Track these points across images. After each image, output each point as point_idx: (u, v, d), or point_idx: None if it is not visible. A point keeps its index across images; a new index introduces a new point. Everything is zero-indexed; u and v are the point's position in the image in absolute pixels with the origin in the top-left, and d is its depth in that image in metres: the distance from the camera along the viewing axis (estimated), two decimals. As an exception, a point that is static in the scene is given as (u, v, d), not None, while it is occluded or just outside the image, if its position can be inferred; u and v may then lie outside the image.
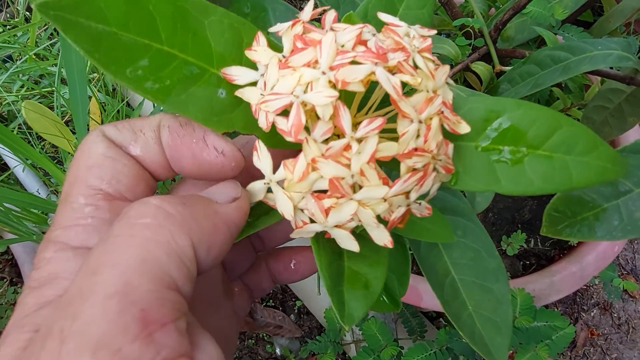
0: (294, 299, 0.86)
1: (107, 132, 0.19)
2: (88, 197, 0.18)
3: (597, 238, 0.32)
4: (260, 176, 0.22)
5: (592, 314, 0.87)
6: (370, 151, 0.17)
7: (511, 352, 0.63)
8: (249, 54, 0.19)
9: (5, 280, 0.85)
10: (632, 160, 0.32)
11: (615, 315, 0.87)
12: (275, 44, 0.19)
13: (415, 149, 0.17)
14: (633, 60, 0.40)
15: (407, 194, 0.18)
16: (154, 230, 0.15)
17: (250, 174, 0.23)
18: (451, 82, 0.20)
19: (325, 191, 0.18)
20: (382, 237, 0.18)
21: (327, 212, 0.17)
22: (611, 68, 0.46)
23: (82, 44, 0.16)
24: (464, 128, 0.19)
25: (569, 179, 0.17)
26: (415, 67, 0.18)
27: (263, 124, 0.17)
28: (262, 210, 0.23)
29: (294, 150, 0.18)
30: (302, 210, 0.18)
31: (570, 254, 0.64)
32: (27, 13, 1.04)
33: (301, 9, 0.20)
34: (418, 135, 0.17)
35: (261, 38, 0.19)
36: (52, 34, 0.98)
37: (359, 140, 0.17)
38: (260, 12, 0.36)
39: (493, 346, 0.28)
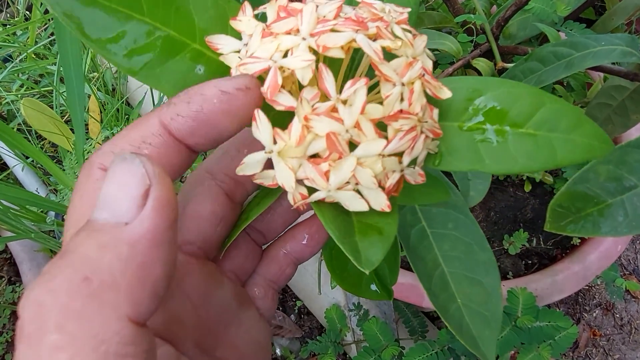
0: (294, 299, 0.85)
1: (106, 165, 0.16)
2: None
3: (602, 234, 0.32)
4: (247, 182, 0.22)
5: (594, 314, 0.86)
6: (361, 102, 0.17)
7: (513, 352, 0.63)
8: (234, 23, 0.19)
9: (3, 279, 0.85)
10: (637, 155, 0.32)
11: (617, 315, 0.86)
12: (259, 20, 0.19)
13: (401, 111, 0.17)
14: (637, 56, 0.40)
15: (399, 157, 0.18)
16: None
17: (240, 182, 0.22)
18: (429, 52, 0.20)
19: (317, 156, 0.17)
20: (379, 201, 0.18)
21: (326, 176, 0.17)
22: (613, 64, 0.46)
23: (63, 10, 0.16)
24: (446, 93, 0.19)
25: (554, 157, 0.17)
26: (394, 35, 0.18)
27: None
28: (253, 204, 0.23)
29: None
30: (299, 182, 0.18)
31: (572, 253, 0.64)
32: (27, 12, 1.04)
33: None
34: (402, 100, 0.17)
35: (247, 9, 0.19)
36: (52, 33, 0.98)
37: (344, 102, 0.17)
38: (257, 4, 0.37)
39: (481, 339, 0.28)
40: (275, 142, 0.17)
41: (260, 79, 0.17)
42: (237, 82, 0.17)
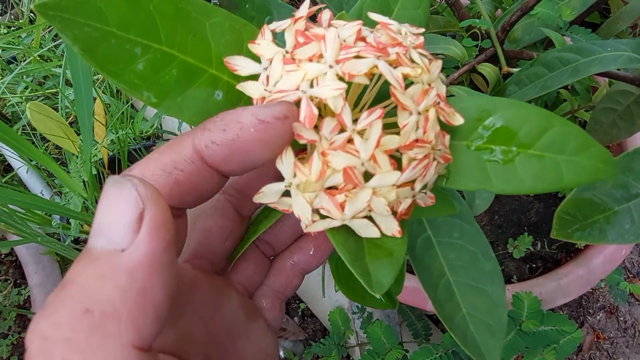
0: (297, 302, 0.85)
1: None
2: None
3: (609, 241, 0.32)
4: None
5: (598, 317, 0.86)
6: (376, 136, 0.17)
7: (516, 356, 0.63)
8: (252, 47, 0.19)
9: (9, 282, 0.85)
10: (644, 162, 0.32)
11: (621, 319, 0.86)
12: (277, 42, 0.19)
13: (416, 140, 0.17)
14: (643, 62, 0.40)
15: (412, 184, 0.18)
16: None
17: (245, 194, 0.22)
18: (442, 77, 0.20)
19: (333, 187, 0.18)
20: (390, 227, 0.18)
21: (342, 206, 0.17)
22: (619, 70, 0.46)
23: (80, 44, 0.16)
24: (458, 120, 0.19)
25: (560, 179, 0.17)
26: (412, 61, 0.18)
27: None
28: (261, 217, 0.23)
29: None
30: (314, 210, 0.18)
31: (577, 257, 0.64)
32: (32, 15, 1.05)
33: None
34: (417, 128, 0.18)
35: (267, 32, 0.19)
36: (56, 35, 0.98)
37: (360, 133, 0.17)
38: (266, 15, 0.37)
39: (486, 349, 0.28)
40: (295, 175, 0.17)
41: None
42: (276, 110, 0.16)
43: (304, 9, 0.19)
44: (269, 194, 0.18)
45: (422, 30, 0.20)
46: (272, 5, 0.37)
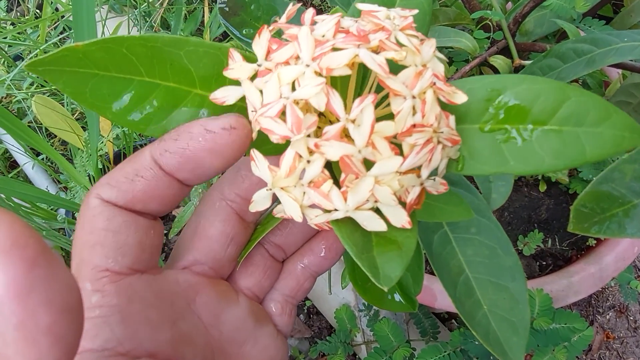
0: (303, 299, 0.85)
1: (104, 196, 0.18)
2: (94, 281, 0.17)
3: (627, 235, 0.31)
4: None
5: (607, 316, 0.85)
6: (369, 120, 0.16)
7: (526, 354, 0.62)
8: (227, 73, 0.18)
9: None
10: (664, 154, 0.31)
11: (631, 318, 0.85)
12: (254, 56, 0.19)
13: (414, 125, 0.17)
14: (661, 53, 0.39)
15: (417, 171, 0.17)
16: None
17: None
18: (440, 55, 0.19)
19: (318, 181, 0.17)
20: (399, 218, 0.18)
21: (344, 196, 0.17)
22: (631, 61, 0.45)
23: (71, 89, 0.18)
24: (461, 97, 0.18)
25: (582, 153, 0.16)
26: (399, 44, 0.17)
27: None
28: (269, 217, 0.23)
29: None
30: (309, 207, 0.18)
31: (588, 255, 0.63)
32: (38, 11, 1.04)
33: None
34: (415, 112, 0.17)
35: (235, 54, 0.19)
36: (62, 31, 0.98)
37: (354, 122, 0.16)
38: (272, 14, 0.36)
39: (509, 347, 0.27)
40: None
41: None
42: (223, 121, 0.17)
43: (284, 18, 0.19)
44: (260, 201, 0.19)
45: (415, 11, 0.19)
46: (278, 4, 0.36)
